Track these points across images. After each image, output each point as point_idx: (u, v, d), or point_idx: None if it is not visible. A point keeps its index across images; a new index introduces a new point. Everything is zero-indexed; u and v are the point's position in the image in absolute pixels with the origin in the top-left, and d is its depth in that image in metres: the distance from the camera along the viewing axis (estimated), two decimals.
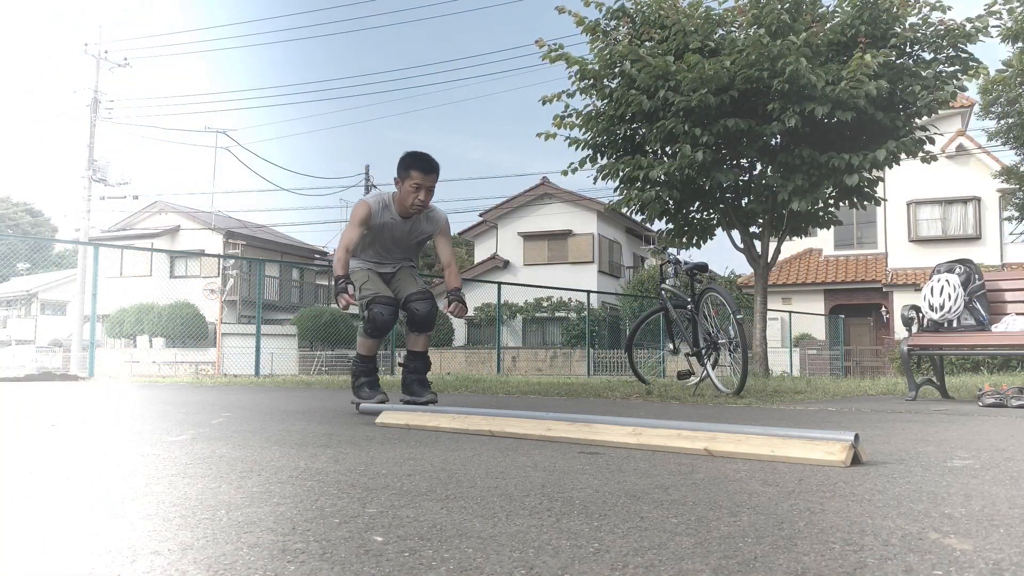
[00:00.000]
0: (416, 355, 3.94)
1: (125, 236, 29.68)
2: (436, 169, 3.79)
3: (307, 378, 9.92)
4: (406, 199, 3.77)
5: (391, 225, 3.87)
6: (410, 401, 3.80)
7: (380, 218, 3.84)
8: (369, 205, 3.83)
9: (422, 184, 3.72)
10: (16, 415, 3.65)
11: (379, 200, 3.88)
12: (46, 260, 37.60)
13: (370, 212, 3.81)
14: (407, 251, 4.07)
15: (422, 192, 3.74)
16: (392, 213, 3.85)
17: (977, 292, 5.48)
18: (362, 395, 3.86)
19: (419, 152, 3.82)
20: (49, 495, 1.59)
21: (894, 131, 8.15)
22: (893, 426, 3.27)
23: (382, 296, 3.79)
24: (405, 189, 3.75)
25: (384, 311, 3.75)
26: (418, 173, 3.72)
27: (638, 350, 7.78)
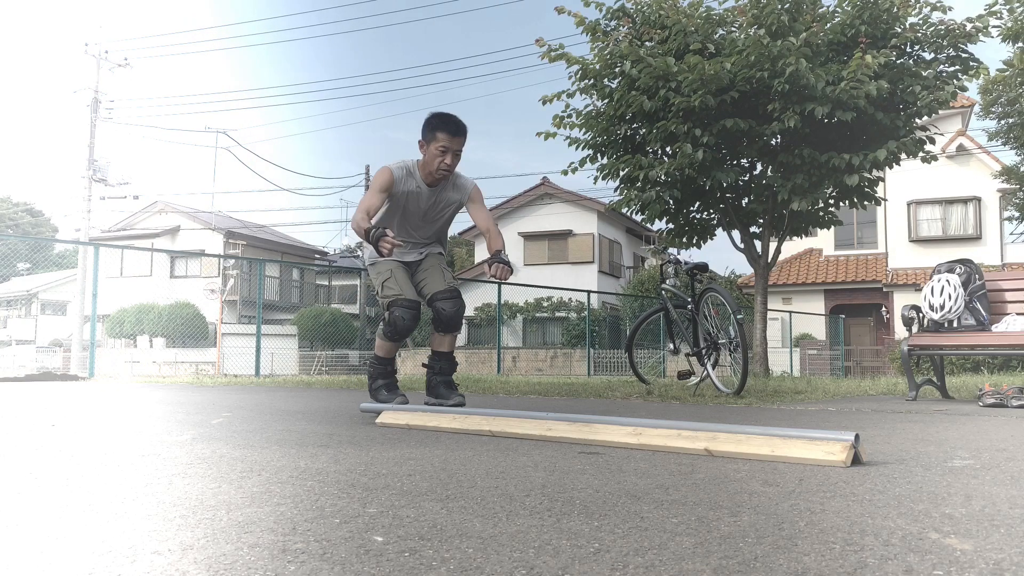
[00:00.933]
0: (441, 356, 3.74)
1: (125, 236, 29.69)
2: (464, 131, 3.53)
3: (307, 378, 9.92)
4: (431, 163, 3.51)
5: (416, 194, 3.60)
6: (436, 404, 3.59)
7: (404, 186, 3.56)
8: (392, 171, 3.55)
9: (449, 147, 3.47)
10: (16, 415, 3.65)
11: (402, 167, 3.60)
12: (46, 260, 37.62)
13: (392, 178, 3.53)
14: (435, 228, 3.79)
15: (448, 156, 3.49)
16: (417, 180, 3.58)
17: (977, 292, 5.48)
18: (380, 398, 3.69)
19: (445, 113, 3.55)
20: (49, 495, 1.59)
21: (894, 131, 8.15)
22: (893, 426, 3.27)
23: (404, 299, 3.58)
24: (430, 153, 3.50)
25: (405, 315, 3.56)
26: (445, 135, 3.46)
27: (638, 350, 7.77)
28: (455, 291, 3.65)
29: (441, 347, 3.74)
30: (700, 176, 8.49)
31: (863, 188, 8.65)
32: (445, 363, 3.74)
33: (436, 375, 3.72)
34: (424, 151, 3.54)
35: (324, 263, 33.53)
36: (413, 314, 3.58)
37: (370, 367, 3.86)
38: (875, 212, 21.98)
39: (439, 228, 3.84)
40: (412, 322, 3.58)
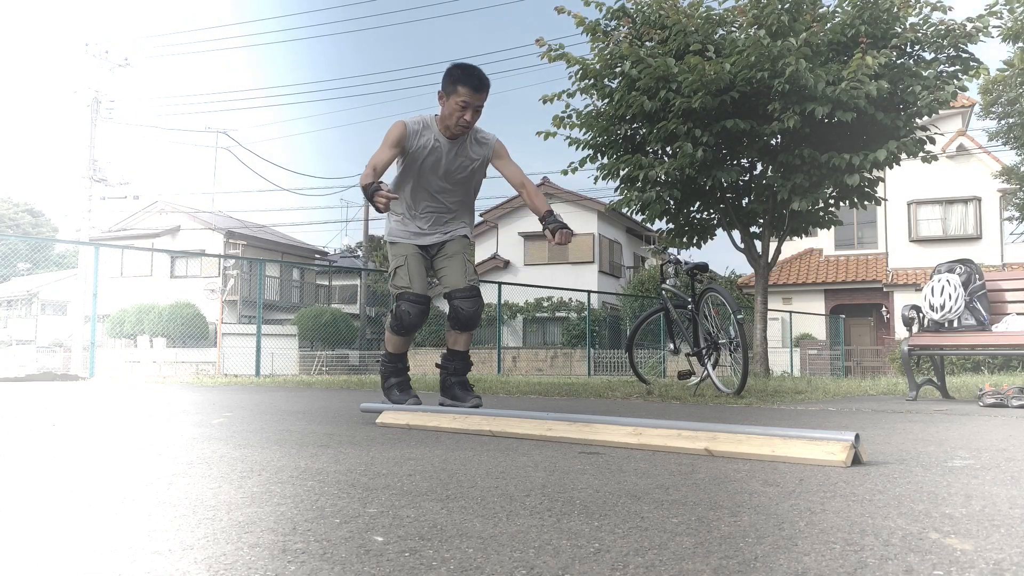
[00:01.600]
0: (456, 355, 3.57)
1: (125, 236, 29.70)
2: (487, 86, 3.31)
3: (307, 378, 9.92)
4: (450, 118, 3.30)
5: (435, 149, 3.37)
6: (452, 406, 3.44)
7: (419, 140, 3.34)
8: (405, 124, 3.33)
9: (470, 103, 3.25)
10: (17, 415, 3.65)
11: (418, 120, 3.38)
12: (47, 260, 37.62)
13: (405, 132, 3.31)
14: (459, 192, 3.52)
15: (469, 112, 3.27)
16: (434, 133, 3.36)
17: (978, 292, 5.48)
18: (392, 397, 3.56)
19: (468, 65, 3.33)
20: (49, 495, 1.59)
21: (895, 131, 8.15)
22: (894, 426, 3.27)
23: (411, 293, 3.43)
24: (450, 106, 3.28)
25: (411, 310, 3.42)
26: (466, 89, 3.25)
27: (639, 350, 7.77)
28: (475, 289, 3.47)
29: (456, 345, 3.58)
30: (700, 176, 8.49)
31: (863, 188, 8.66)
32: (460, 363, 3.58)
33: (451, 375, 3.57)
34: (443, 103, 3.32)
35: (324, 263, 33.54)
36: (420, 309, 3.44)
37: (382, 364, 3.73)
38: (875, 212, 21.99)
39: (464, 193, 3.56)
40: (419, 318, 3.44)
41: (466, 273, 3.48)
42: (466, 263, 3.52)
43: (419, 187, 3.43)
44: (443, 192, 3.47)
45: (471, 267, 3.52)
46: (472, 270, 3.52)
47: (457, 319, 3.48)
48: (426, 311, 3.47)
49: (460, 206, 3.57)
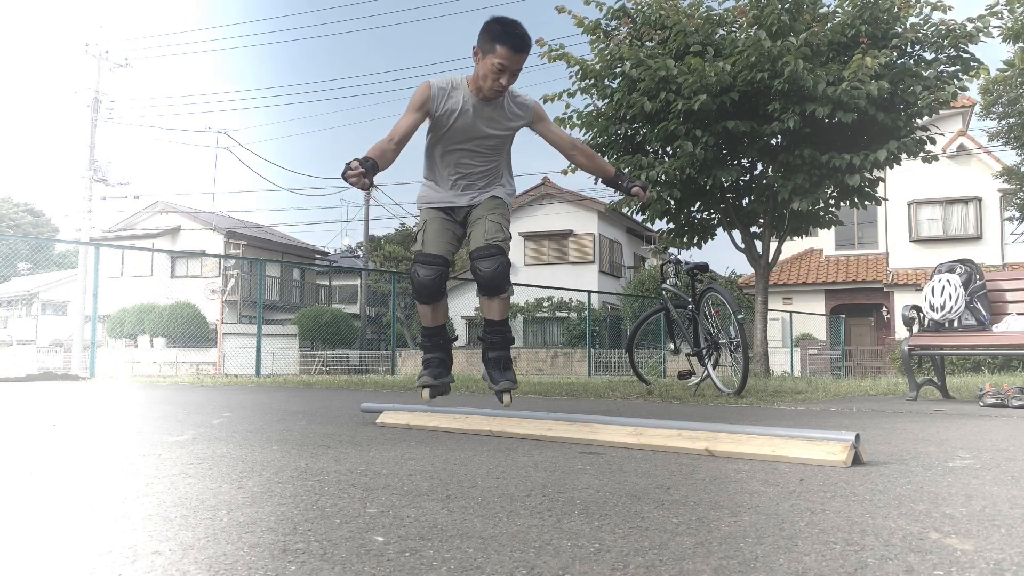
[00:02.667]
0: (491, 325, 3.21)
1: (126, 236, 29.71)
2: (528, 47, 2.97)
3: (308, 378, 9.92)
4: (484, 79, 2.96)
5: (465, 112, 3.04)
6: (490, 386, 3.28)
7: (446, 101, 3.02)
8: (430, 84, 3.03)
9: (507, 66, 2.91)
10: (17, 415, 3.66)
11: (446, 80, 3.07)
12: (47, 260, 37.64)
13: (430, 94, 3.01)
14: (492, 155, 3.20)
15: (505, 76, 2.94)
16: (465, 95, 3.03)
17: (978, 292, 5.48)
18: (421, 378, 3.29)
19: (509, 21, 2.96)
20: (50, 495, 1.59)
21: (895, 131, 8.15)
22: (894, 426, 3.27)
23: (425, 253, 3.15)
24: (485, 66, 2.94)
25: (420, 271, 3.13)
26: (506, 50, 2.89)
27: (639, 350, 7.77)
28: (495, 247, 3.10)
29: (489, 314, 3.22)
30: (701, 176, 8.49)
31: (864, 188, 8.65)
32: (496, 335, 3.23)
33: (488, 349, 3.25)
34: (478, 62, 2.98)
35: (325, 263, 33.55)
36: (433, 271, 3.13)
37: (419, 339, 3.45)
38: (876, 212, 21.98)
39: (497, 156, 3.23)
40: (433, 281, 3.13)
41: (486, 233, 3.13)
42: (490, 222, 3.15)
43: (448, 152, 3.14)
44: (474, 156, 3.16)
45: (495, 226, 3.15)
46: (497, 228, 3.14)
47: (478, 282, 3.16)
48: (443, 273, 3.16)
49: (494, 170, 3.25)
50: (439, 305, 3.26)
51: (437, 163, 3.20)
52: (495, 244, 3.11)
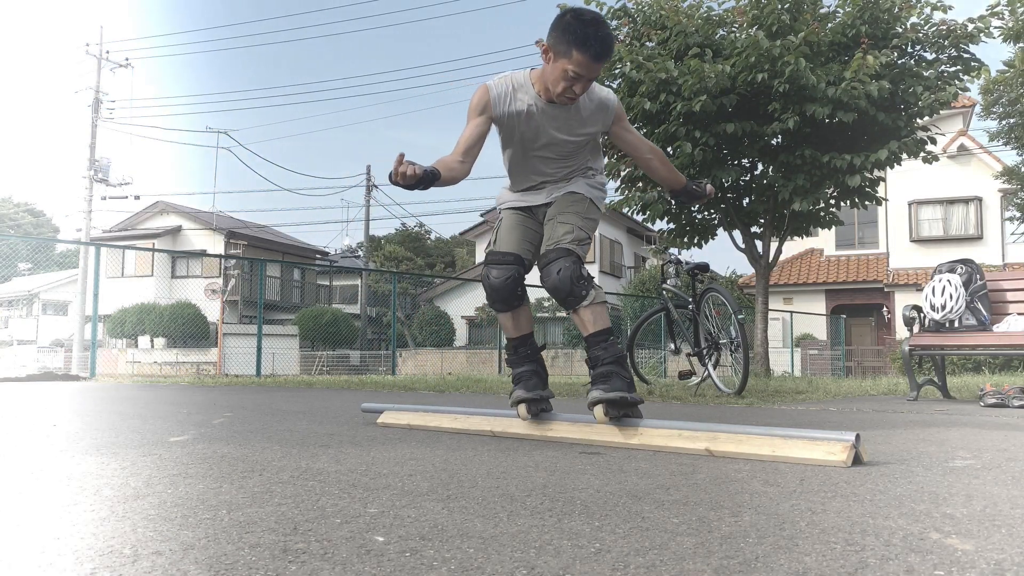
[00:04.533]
0: (588, 342, 2.68)
1: (127, 236, 29.73)
2: (611, 53, 2.57)
3: (308, 378, 9.92)
4: (553, 84, 2.55)
5: (532, 116, 2.66)
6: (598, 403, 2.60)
7: (509, 105, 2.65)
8: (489, 88, 2.65)
9: (582, 75, 2.50)
10: (18, 415, 3.66)
11: (506, 80, 2.68)
12: (48, 260, 37.66)
13: (489, 98, 2.63)
14: (570, 159, 2.81)
15: (579, 84, 2.53)
16: (530, 96, 2.64)
17: (978, 292, 5.48)
18: (514, 394, 2.81)
19: (591, 20, 2.51)
20: (50, 495, 1.60)
21: (896, 131, 8.15)
22: (894, 426, 3.27)
23: (495, 251, 2.79)
24: (556, 70, 2.52)
25: (492, 272, 2.75)
26: (584, 58, 2.46)
27: (639, 350, 7.78)
28: (563, 250, 2.65)
29: (582, 328, 2.69)
30: (701, 176, 8.49)
31: (864, 188, 8.65)
32: (597, 348, 2.64)
33: (591, 368, 2.69)
34: (548, 61, 2.55)
35: (325, 263, 33.56)
36: (505, 272, 2.73)
37: (505, 354, 3.02)
38: (876, 212, 21.98)
39: (576, 159, 2.84)
40: (506, 283, 2.73)
41: (551, 236, 2.72)
42: (558, 225, 2.74)
43: (519, 158, 2.81)
44: (547, 162, 2.80)
45: (564, 227, 2.72)
46: (566, 229, 2.71)
47: (548, 292, 2.72)
48: (517, 274, 2.75)
49: (575, 170, 2.86)
50: (519, 311, 2.82)
51: (510, 167, 2.88)
52: (557, 248, 2.67)
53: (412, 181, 2.34)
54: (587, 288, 2.63)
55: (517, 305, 2.80)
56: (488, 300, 2.82)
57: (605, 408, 2.50)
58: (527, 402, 2.76)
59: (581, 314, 2.65)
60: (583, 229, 2.73)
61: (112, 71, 25.44)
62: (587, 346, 2.68)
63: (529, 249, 2.82)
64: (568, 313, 2.73)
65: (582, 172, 2.87)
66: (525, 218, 2.87)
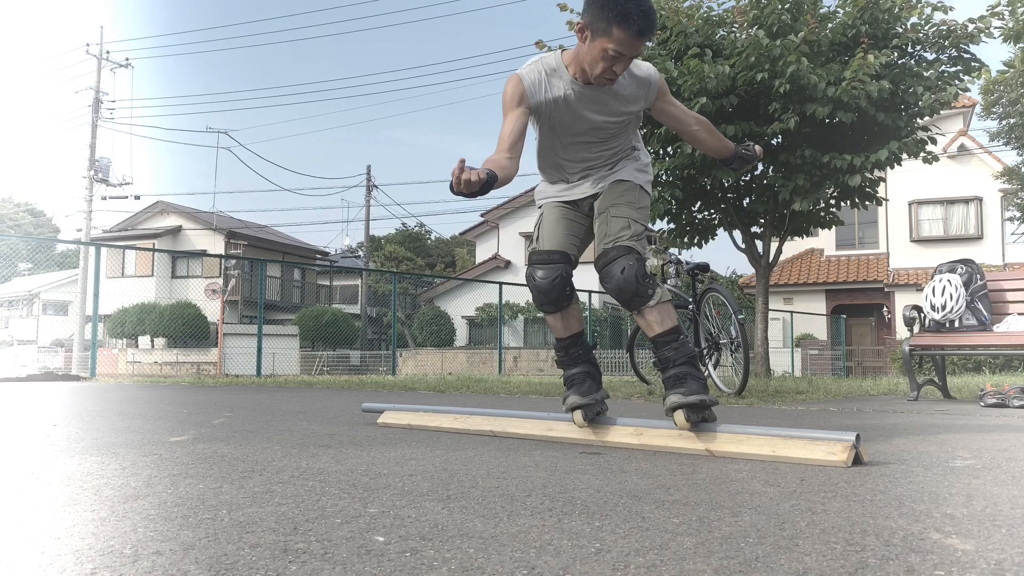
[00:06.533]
0: (655, 342, 2.50)
1: (127, 236, 29.74)
2: (655, 28, 2.33)
3: (309, 378, 9.93)
4: (591, 65, 2.34)
5: (568, 101, 2.47)
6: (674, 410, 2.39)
7: (543, 92, 2.45)
8: (521, 77, 2.46)
9: (624, 54, 2.29)
10: (18, 415, 3.66)
11: (536, 67, 2.48)
12: (48, 260, 37.67)
13: (522, 87, 2.43)
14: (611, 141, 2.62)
15: (620, 64, 2.33)
16: (565, 81, 2.45)
17: (979, 292, 5.48)
18: (568, 399, 2.67)
19: None
20: (51, 495, 1.60)
21: (896, 131, 8.14)
22: (895, 426, 3.27)
23: (540, 251, 2.62)
24: (594, 50, 2.31)
25: (537, 273, 2.59)
26: (626, 35, 2.25)
27: (640, 350, 7.77)
28: (624, 248, 2.47)
29: (648, 330, 2.52)
30: (701, 176, 8.49)
31: (864, 188, 8.65)
32: (664, 349, 2.47)
33: (660, 371, 2.53)
34: (584, 41, 2.34)
35: (325, 263, 33.56)
36: (551, 271, 2.57)
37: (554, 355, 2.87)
38: (876, 212, 21.99)
39: (618, 140, 2.64)
40: (554, 284, 2.56)
41: (608, 232, 2.53)
42: (612, 220, 2.55)
43: (559, 147, 2.62)
44: (589, 147, 2.61)
45: (619, 222, 2.53)
46: (622, 224, 2.52)
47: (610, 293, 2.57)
48: (564, 273, 2.59)
49: (619, 150, 2.67)
50: (568, 311, 2.67)
51: (546, 156, 2.69)
52: (617, 246, 2.49)
53: (476, 188, 2.13)
54: (652, 287, 2.47)
55: (566, 305, 2.65)
56: (536, 302, 2.67)
57: (686, 413, 2.33)
58: (583, 408, 2.62)
59: (646, 315, 2.48)
60: (639, 221, 2.56)
61: (112, 71, 25.46)
62: (655, 347, 2.52)
63: (575, 244, 2.68)
64: (632, 314, 2.58)
65: (627, 154, 2.69)
66: (568, 211, 2.69)
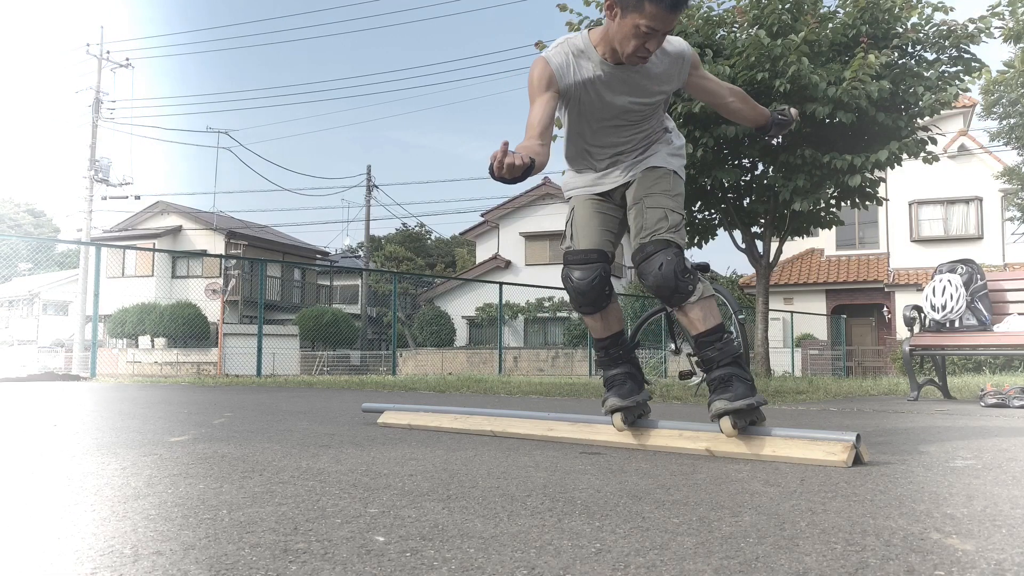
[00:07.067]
0: (697, 341, 2.38)
1: (127, 236, 29.75)
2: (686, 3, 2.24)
3: (309, 378, 9.93)
4: (622, 43, 2.21)
5: (596, 82, 2.32)
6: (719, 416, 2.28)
7: (571, 75, 2.31)
8: (547, 59, 2.31)
9: (657, 29, 2.17)
10: (18, 415, 3.66)
11: (564, 47, 2.33)
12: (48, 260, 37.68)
13: (550, 71, 2.28)
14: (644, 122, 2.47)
15: (653, 41, 2.20)
16: (593, 60, 2.31)
17: (979, 292, 5.48)
18: (608, 401, 2.51)
19: None
20: (51, 495, 1.60)
21: (896, 132, 8.14)
22: (895, 426, 3.27)
23: (575, 250, 2.51)
24: (624, 27, 2.18)
25: (574, 273, 2.49)
26: (657, 9, 2.13)
27: (640, 350, 7.77)
28: (661, 242, 2.35)
29: (691, 327, 2.39)
30: (701, 176, 8.49)
31: (865, 188, 8.65)
32: (707, 348, 2.35)
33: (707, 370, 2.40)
34: (613, 19, 2.22)
35: (326, 263, 33.55)
36: (589, 271, 2.46)
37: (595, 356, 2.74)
38: (876, 212, 21.98)
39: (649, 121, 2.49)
40: (592, 284, 2.45)
41: (644, 225, 2.40)
42: (647, 212, 2.42)
43: (586, 131, 2.49)
44: (620, 131, 2.47)
45: (655, 213, 2.40)
46: (658, 216, 2.39)
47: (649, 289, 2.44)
48: (602, 272, 2.47)
49: (649, 135, 2.52)
50: (608, 311, 2.55)
51: (574, 143, 2.56)
52: (654, 240, 2.36)
53: (519, 173, 2.00)
54: (693, 282, 2.34)
55: (605, 305, 2.53)
56: (573, 304, 2.55)
57: (732, 419, 2.24)
58: (623, 411, 2.48)
59: (688, 312, 2.35)
60: (676, 211, 2.42)
61: (113, 71, 25.45)
62: (697, 347, 2.39)
63: (611, 240, 2.55)
64: (672, 311, 2.45)
65: (659, 136, 2.54)
66: (600, 204, 2.56)
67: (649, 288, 2.39)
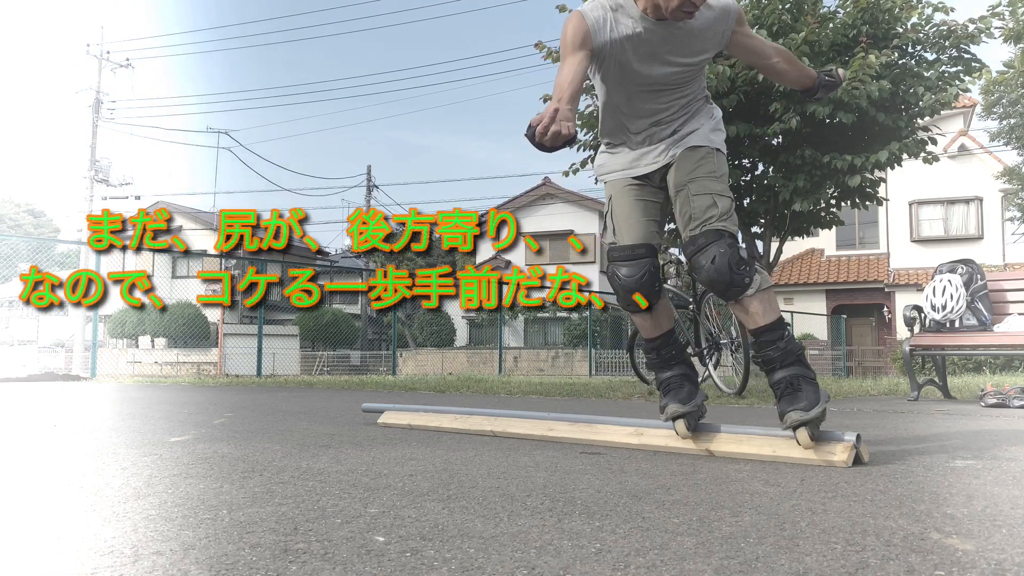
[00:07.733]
0: (756, 337, 2.22)
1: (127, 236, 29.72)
2: None
3: (309, 378, 9.93)
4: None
5: (637, 39, 2.11)
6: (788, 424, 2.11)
7: (610, 31, 2.10)
8: (583, 13, 2.11)
9: None
10: (19, 415, 3.66)
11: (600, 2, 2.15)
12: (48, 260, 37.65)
13: (586, 26, 2.08)
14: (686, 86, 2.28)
15: None
16: (633, 16, 2.10)
17: (979, 292, 5.48)
18: (667, 408, 2.35)
19: None
20: (51, 495, 1.60)
21: (896, 132, 8.14)
22: (895, 426, 3.27)
23: (620, 246, 2.32)
24: None
25: (621, 271, 2.31)
26: None
27: (640, 350, 7.77)
28: (713, 233, 2.17)
29: (748, 322, 2.23)
30: None
31: (865, 188, 8.65)
32: (769, 348, 2.18)
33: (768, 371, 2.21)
34: None
35: (326, 263, 33.56)
36: (637, 268, 2.28)
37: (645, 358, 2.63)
38: (877, 212, 21.98)
39: (692, 88, 2.31)
40: (640, 281, 2.28)
41: (692, 215, 2.21)
42: (693, 200, 2.22)
43: (622, 97, 2.25)
44: (659, 96, 2.25)
45: (703, 200, 2.21)
46: (707, 204, 2.20)
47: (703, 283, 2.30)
48: (651, 267, 2.29)
49: (688, 103, 2.32)
50: (658, 308, 2.36)
51: (611, 115, 2.33)
52: (706, 231, 2.18)
53: (561, 142, 1.87)
54: (750, 274, 2.17)
55: (655, 302, 2.35)
56: (622, 303, 2.38)
57: (810, 430, 2.08)
58: (684, 416, 2.34)
59: (746, 305, 2.18)
60: (724, 195, 2.23)
61: (113, 71, 25.46)
62: (757, 346, 2.22)
63: (656, 231, 2.37)
64: (729, 305, 2.28)
65: (700, 105, 2.35)
66: (640, 190, 2.35)
67: (703, 282, 2.25)
